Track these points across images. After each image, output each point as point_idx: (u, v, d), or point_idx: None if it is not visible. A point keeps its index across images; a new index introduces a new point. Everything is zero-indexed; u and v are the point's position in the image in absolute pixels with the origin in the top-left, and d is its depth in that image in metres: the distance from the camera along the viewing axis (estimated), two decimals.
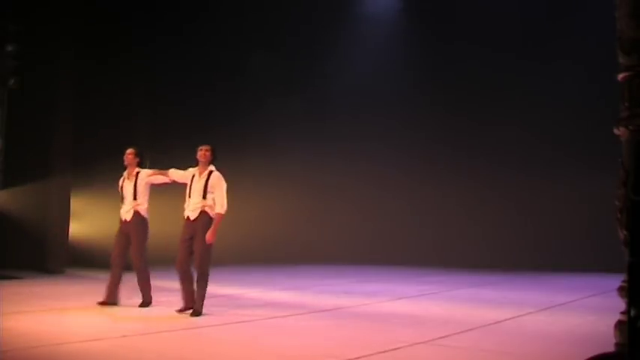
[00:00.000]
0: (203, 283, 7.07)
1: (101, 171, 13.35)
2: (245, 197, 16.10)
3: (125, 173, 8.01)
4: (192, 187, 7.31)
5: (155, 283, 8.00)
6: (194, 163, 7.56)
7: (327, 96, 17.93)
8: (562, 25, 14.92)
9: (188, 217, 7.25)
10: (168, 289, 9.74)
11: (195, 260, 7.13)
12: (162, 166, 8.21)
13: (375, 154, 17.24)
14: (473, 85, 16.12)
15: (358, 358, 4.91)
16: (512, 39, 15.38)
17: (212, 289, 10.01)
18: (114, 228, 8.25)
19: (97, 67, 13.42)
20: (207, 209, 7.21)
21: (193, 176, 7.39)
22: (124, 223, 7.86)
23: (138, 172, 7.91)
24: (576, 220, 14.50)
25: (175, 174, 7.73)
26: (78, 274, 12.01)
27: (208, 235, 7.05)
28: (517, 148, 15.56)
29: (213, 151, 7.52)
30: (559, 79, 14.71)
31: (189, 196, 7.31)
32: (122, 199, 7.95)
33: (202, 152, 7.41)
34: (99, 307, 7.46)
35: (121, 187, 7.98)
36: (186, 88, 15.51)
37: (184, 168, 7.73)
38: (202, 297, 7.05)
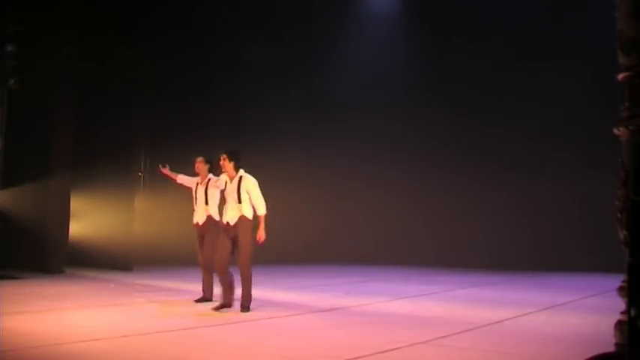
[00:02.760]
0: (249, 282, 7.56)
1: (101, 171, 13.37)
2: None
3: (198, 179, 8.42)
4: (227, 192, 7.56)
5: (152, 282, 8.00)
6: (193, 163, 7.65)
7: (328, 95, 17.94)
8: (562, 25, 14.92)
9: (228, 222, 7.45)
10: (168, 289, 9.75)
11: (239, 259, 7.52)
12: (161, 165, 8.26)
13: (376, 153, 17.24)
14: (473, 84, 16.12)
15: (358, 358, 4.90)
16: (512, 39, 15.38)
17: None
18: (114, 228, 8.26)
19: (97, 67, 13.44)
20: (245, 213, 7.48)
21: (225, 183, 7.63)
22: (198, 226, 8.30)
23: (209, 179, 8.30)
24: (576, 220, 14.50)
25: (221, 180, 7.88)
26: (78, 274, 12.02)
27: (261, 237, 7.57)
28: (517, 147, 15.56)
29: (233, 157, 7.59)
30: (559, 79, 14.71)
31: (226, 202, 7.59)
32: (195, 203, 8.36)
33: (223, 162, 7.56)
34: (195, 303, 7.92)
35: (195, 192, 8.40)
36: (186, 87, 15.52)
37: (185, 168, 7.81)
38: (249, 294, 7.46)
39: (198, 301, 8.10)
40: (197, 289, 8.66)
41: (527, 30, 15.30)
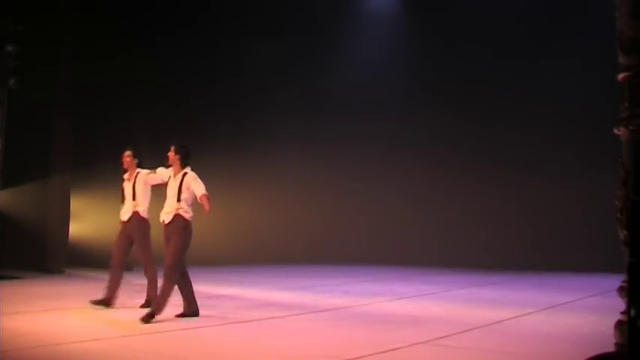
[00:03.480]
0: (172, 284, 6.84)
1: (101, 171, 13.36)
2: (245, 197, 16.12)
3: (126, 175, 7.96)
4: (168, 190, 7.13)
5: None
6: (193, 163, 7.48)
7: (328, 95, 17.94)
8: (562, 25, 14.91)
9: (163, 220, 7.03)
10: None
11: (165, 260, 6.86)
12: (162, 166, 8.19)
13: (375, 153, 17.24)
14: (473, 85, 16.12)
15: (358, 358, 4.90)
16: (512, 39, 15.37)
17: (212, 289, 10.07)
18: (114, 228, 8.24)
19: (97, 67, 13.43)
20: (181, 212, 6.95)
21: (169, 178, 7.20)
22: (123, 223, 7.82)
23: (138, 173, 7.84)
24: (576, 220, 14.50)
25: (162, 172, 7.49)
26: (77, 274, 12.02)
27: (206, 210, 6.85)
28: (517, 147, 15.56)
29: (181, 150, 7.17)
30: (559, 79, 14.71)
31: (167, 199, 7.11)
32: (123, 200, 7.94)
33: (170, 154, 7.17)
34: (92, 305, 7.36)
35: (122, 189, 7.97)
36: (185, 87, 15.51)
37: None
38: (166, 300, 6.78)
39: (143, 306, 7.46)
40: (197, 289, 8.63)
41: (528, 30, 15.29)
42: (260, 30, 16.56)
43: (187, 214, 6.99)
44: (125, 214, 7.79)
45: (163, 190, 7.32)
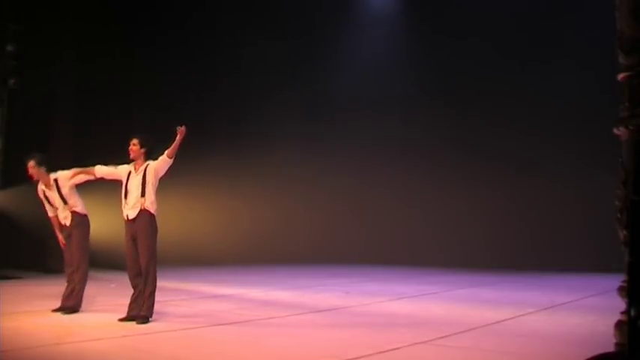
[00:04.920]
0: (152, 285, 6.60)
1: None
2: (245, 197, 16.13)
3: (42, 186, 7.49)
4: (129, 184, 6.81)
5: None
6: (193, 163, 7.42)
7: (328, 95, 17.94)
8: (562, 25, 14.90)
9: (127, 216, 6.77)
10: (167, 289, 9.74)
11: (141, 261, 6.64)
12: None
13: (376, 153, 17.23)
14: (473, 84, 16.10)
15: (358, 358, 4.90)
16: (512, 38, 15.36)
17: (212, 289, 10.07)
18: (113, 228, 8.21)
19: (97, 67, 13.44)
20: (147, 206, 6.72)
21: (129, 173, 6.89)
22: (65, 227, 7.44)
23: (55, 179, 7.42)
24: (576, 220, 14.50)
25: (102, 170, 7.21)
26: None
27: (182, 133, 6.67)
28: (517, 147, 15.55)
29: (145, 144, 6.89)
30: (559, 79, 14.70)
31: (125, 196, 6.82)
32: (43, 207, 7.56)
33: (131, 148, 6.87)
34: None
35: (44, 198, 7.50)
36: (185, 87, 15.52)
37: (185, 168, 7.63)
38: (152, 301, 6.59)
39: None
40: (198, 288, 8.66)
41: (528, 29, 15.29)
42: (260, 30, 16.56)
43: (152, 208, 6.76)
44: (66, 219, 7.42)
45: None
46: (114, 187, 7.34)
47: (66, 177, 7.44)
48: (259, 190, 16.18)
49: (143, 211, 6.72)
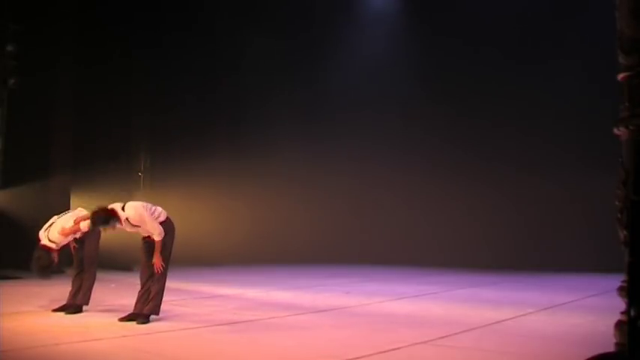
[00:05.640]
0: (161, 283, 6.75)
1: (101, 171, 13.37)
2: (245, 197, 16.12)
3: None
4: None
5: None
6: (193, 164, 7.41)
7: (327, 95, 17.94)
8: (562, 25, 14.91)
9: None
10: (168, 289, 9.73)
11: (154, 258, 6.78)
12: (161, 167, 8.08)
13: (375, 153, 17.23)
14: (473, 84, 16.10)
15: (358, 358, 4.90)
16: (512, 38, 15.37)
17: (212, 289, 10.07)
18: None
19: (97, 67, 13.44)
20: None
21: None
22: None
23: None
24: (576, 220, 14.50)
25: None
26: None
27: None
28: (517, 147, 15.55)
29: (98, 221, 6.71)
30: (559, 79, 14.70)
31: None
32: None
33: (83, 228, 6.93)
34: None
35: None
36: (185, 88, 15.52)
37: (185, 167, 7.62)
38: (159, 300, 6.71)
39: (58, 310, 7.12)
40: (198, 288, 8.66)
41: (528, 29, 15.29)
42: (260, 30, 16.55)
43: (164, 216, 6.90)
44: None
45: None
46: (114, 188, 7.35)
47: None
48: (259, 190, 16.18)
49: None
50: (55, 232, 7.06)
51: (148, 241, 6.85)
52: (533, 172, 15.28)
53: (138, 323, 6.40)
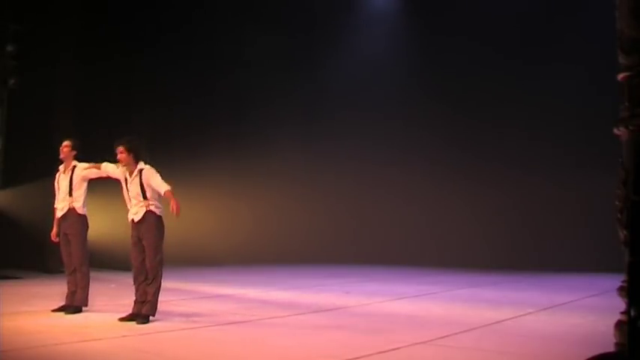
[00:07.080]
0: (156, 284, 6.69)
1: None
2: (245, 197, 16.12)
3: (61, 167, 7.57)
4: (129, 189, 6.81)
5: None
6: (193, 164, 7.41)
7: (327, 94, 17.94)
8: (562, 25, 14.90)
9: (132, 219, 6.81)
10: (167, 289, 9.74)
11: (147, 260, 6.71)
12: (161, 166, 8.09)
13: (375, 153, 17.23)
14: (472, 84, 16.09)
15: (358, 358, 4.91)
16: (512, 38, 15.35)
17: (212, 289, 10.07)
18: (113, 227, 8.21)
19: (97, 67, 13.44)
20: (152, 208, 6.75)
21: (126, 179, 6.87)
22: (60, 220, 7.47)
23: (74, 166, 7.46)
24: (576, 220, 14.49)
25: (108, 167, 7.20)
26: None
27: (175, 208, 6.49)
28: (517, 147, 15.54)
29: (132, 148, 6.80)
30: (559, 79, 14.68)
31: (130, 199, 6.84)
32: (55, 194, 7.57)
33: (119, 156, 6.85)
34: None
35: (57, 182, 7.56)
36: (185, 88, 15.51)
37: (185, 167, 7.62)
38: (156, 300, 6.68)
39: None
40: (198, 288, 8.66)
41: (528, 29, 15.27)
42: (260, 30, 16.55)
43: (159, 210, 6.81)
44: (62, 210, 7.42)
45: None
46: (114, 187, 7.36)
47: (82, 167, 7.47)
48: (259, 190, 16.18)
49: (149, 213, 6.76)
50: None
51: (137, 236, 6.76)
52: (533, 172, 15.27)
53: (138, 323, 6.41)
